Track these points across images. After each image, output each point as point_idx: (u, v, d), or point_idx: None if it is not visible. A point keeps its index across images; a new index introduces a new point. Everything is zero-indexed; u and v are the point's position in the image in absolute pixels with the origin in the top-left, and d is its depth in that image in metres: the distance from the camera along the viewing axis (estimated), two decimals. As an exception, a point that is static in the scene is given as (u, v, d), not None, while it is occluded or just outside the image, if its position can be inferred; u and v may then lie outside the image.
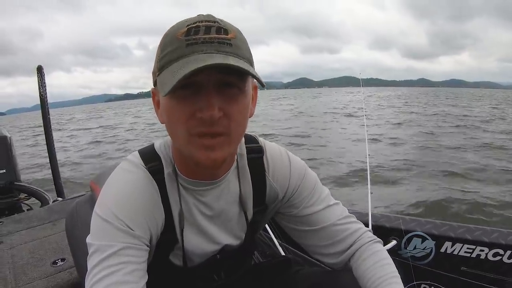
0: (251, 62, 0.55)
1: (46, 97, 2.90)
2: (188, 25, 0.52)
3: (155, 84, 0.58)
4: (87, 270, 0.55)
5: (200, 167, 0.57)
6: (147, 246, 0.60)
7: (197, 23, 0.52)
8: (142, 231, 0.59)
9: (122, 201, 0.59)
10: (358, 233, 0.73)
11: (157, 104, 0.61)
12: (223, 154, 0.55)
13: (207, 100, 0.51)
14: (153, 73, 0.58)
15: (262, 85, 0.53)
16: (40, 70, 2.86)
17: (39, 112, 2.98)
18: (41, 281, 1.35)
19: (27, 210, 2.60)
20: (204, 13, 0.55)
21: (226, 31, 0.53)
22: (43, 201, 2.66)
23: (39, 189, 2.81)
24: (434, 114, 15.94)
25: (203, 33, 0.51)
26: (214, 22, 0.53)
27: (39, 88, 2.86)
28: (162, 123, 0.60)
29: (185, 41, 0.51)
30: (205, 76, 0.50)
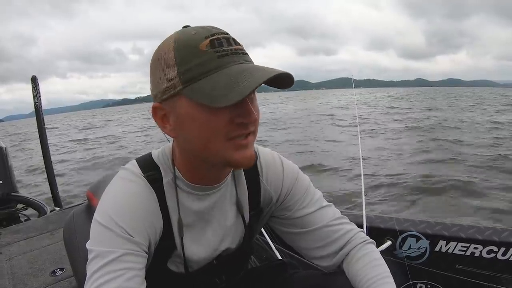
0: None
1: (41, 107, 2.90)
2: (206, 37, 0.53)
3: (161, 100, 0.56)
4: (86, 277, 0.56)
5: (236, 167, 0.59)
6: (146, 252, 0.61)
7: (215, 35, 0.53)
8: (142, 238, 0.60)
9: (122, 209, 0.60)
10: (350, 234, 0.74)
11: (161, 119, 0.59)
12: (253, 151, 0.59)
13: (248, 107, 0.54)
14: (169, 87, 0.54)
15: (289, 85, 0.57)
16: (34, 80, 2.86)
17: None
18: None
19: (25, 220, 2.60)
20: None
21: (238, 42, 0.56)
22: (41, 211, 2.66)
23: (36, 199, 2.80)
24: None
25: (227, 45, 0.54)
26: (227, 34, 0.55)
27: (34, 98, 2.86)
28: (173, 137, 0.61)
29: (214, 53, 0.52)
30: None
